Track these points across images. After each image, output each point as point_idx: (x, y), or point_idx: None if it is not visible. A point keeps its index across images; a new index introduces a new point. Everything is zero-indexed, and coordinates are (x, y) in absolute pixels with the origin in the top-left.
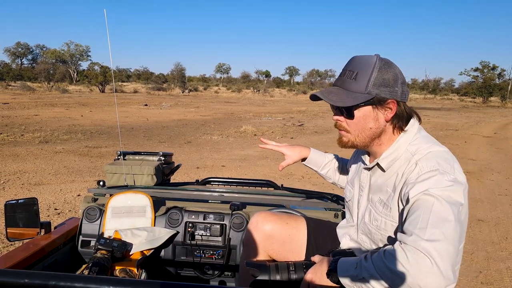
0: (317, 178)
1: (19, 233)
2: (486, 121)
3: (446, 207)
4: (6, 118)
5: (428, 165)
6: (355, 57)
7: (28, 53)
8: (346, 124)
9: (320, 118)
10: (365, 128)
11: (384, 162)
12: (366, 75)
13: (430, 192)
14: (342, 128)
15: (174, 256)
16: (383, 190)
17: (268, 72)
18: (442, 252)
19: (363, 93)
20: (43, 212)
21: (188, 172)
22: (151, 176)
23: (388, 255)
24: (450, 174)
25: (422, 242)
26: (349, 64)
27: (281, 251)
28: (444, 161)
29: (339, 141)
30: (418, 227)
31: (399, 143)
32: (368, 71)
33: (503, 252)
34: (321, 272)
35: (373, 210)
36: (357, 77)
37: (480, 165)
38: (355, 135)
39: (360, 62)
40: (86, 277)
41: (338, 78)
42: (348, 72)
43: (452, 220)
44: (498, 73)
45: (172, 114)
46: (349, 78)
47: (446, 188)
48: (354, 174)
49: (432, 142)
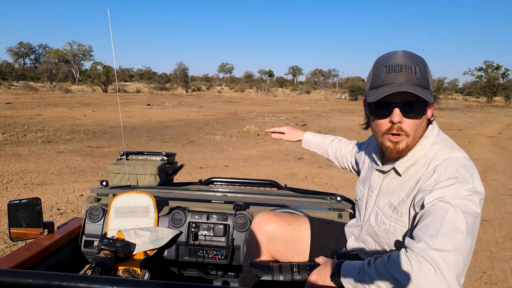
0: (321, 178)
1: (22, 233)
2: (490, 121)
3: (461, 216)
4: (9, 118)
5: (447, 172)
6: (403, 52)
7: (31, 53)
8: (408, 126)
9: (324, 118)
10: (421, 129)
11: (401, 167)
12: (425, 72)
13: (446, 199)
14: (402, 132)
15: (177, 256)
16: (395, 194)
17: (271, 72)
18: (450, 263)
19: (429, 88)
20: (46, 212)
21: (191, 172)
22: (154, 176)
23: (392, 262)
24: (469, 183)
25: (431, 251)
26: (401, 59)
27: (284, 251)
28: (464, 169)
29: (396, 149)
30: (428, 234)
31: (419, 147)
32: (425, 67)
33: (507, 252)
34: (325, 274)
35: (380, 212)
36: (420, 73)
37: (484, 165)
38: (411, 137)
39: (412, 58)
40: (89, 277)
41: (397, 74)
42: (407, 67)
43: (464, 231)
44: (502, 73)
45: (175, 114)
46: (412, 73)
47: (464, 197)
48: (366, 173)
49: (452, 146)
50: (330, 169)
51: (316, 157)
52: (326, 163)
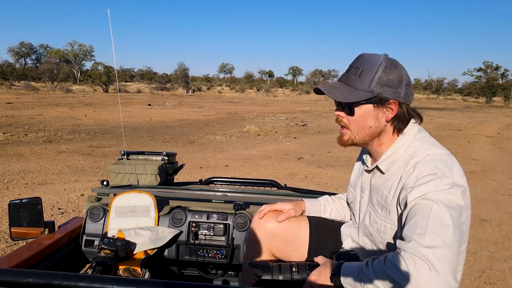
0: (320, 178)
1: (23, 232)
2: (489, 121)
3: (445, 211)
4: (10, 118)
5: (427, 169)
6: (362, 55)
7: (32, 53)
8: (347, 121)
9: (323, 118)
10: (365, 126)
11: (383, 165)
12: (371, 73)
13: (428, 196)
14: (342, 124)
15: (178, 256)
16: (381, 193)
17: (271, 72)
18: (441, 258)
19: (366, 91)
20: (46, 212)
21: (191, 172)
22: (154, 175)
23: (389, 263)
24: (449, 178)
25: (422, 249)
26: (356, 61)
27: (283, 249)
28: (443, 165)
29: (340, 140)
30: (417, 233)
31: (397, 145)
32: (373, 69)
33: (506, 252)
34: (325, 275)
35: (373, 212)
36: (362, 74)
37: (483, 165)
38: (354, 132)
39: (366, 60)
40: (89, 276)
41: (344, 74)
42: (353, 69)
43: (451, 225)
44: (501, 73)
45: (176, 114)
46: (354, 75)
47: (444, 191)
48: (356, 175)
49: (432, 144)
50: (329, 169)
51: (316, 157)
52: (326, 163)
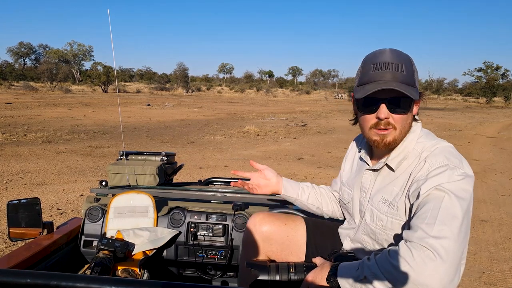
0: (320, 178)
1: (21, 233)
2: (490, 121)
3: (456, 203)
4: (9, 118)
5: (438, 161)
6: (385, 50)
7: (31, 53)
8: (393, 120)
9: (323, 118)
10: (407, 124)
11: (393, 162)
12: (411, 69)
13: (442, 187)
14: (390, 126)
15: (177, 256)
16: (389, 190)
17: (271, 72)
18: (449, 250)
19: (415, 86)
20: (45, 212)
21: (190, 172)
22: (153, 176)
23: (393, 253)
24: (460, 169)
25: (429, 239)
26: (386, 57)
27: (280, 252)
28: (452, 156)
29: (384, 141)
30: (426, 222)
31: (406, 142)
32: (410, 65)
33: (506, 252)
34: (322, 276)
35: (375, 210)
36: (404, 70)
37: (484, 165)
38: (399, 131)
39: (397, 55)
40: (88, 277)
41: (384, 72)
42: (391, 65)
43: (460, 216)
44: (502, 74)
45: (175, 114)
46: (398, 71)
47: (457, 182)
48: (352, 176)
49: (436, 138)
50: (329, 170)
51: (315, 158)
52: (325, 163)
